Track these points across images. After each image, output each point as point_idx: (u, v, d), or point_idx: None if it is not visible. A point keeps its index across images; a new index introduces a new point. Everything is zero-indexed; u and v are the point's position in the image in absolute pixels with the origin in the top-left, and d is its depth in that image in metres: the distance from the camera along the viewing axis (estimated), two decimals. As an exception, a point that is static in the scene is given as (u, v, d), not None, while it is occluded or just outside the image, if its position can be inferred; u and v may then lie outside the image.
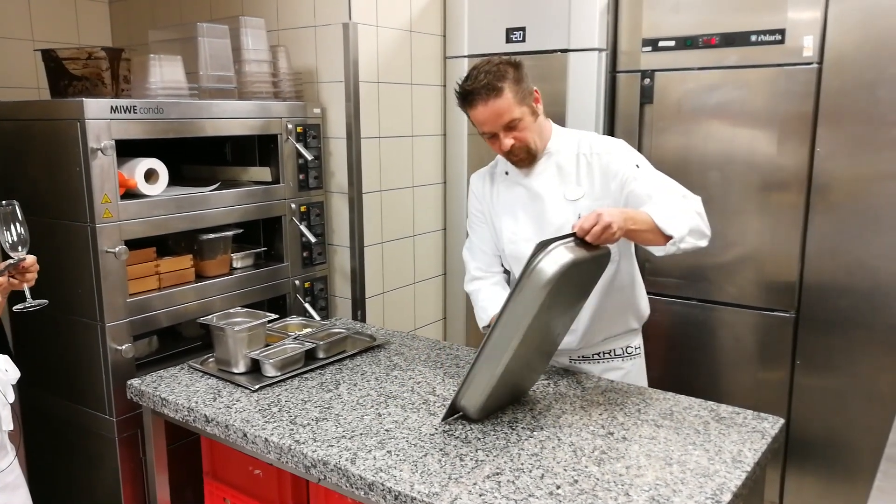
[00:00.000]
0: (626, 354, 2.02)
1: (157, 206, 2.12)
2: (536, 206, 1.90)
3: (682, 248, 1.65)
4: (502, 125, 1.77)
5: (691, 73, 2.47)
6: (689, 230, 1.64)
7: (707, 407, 1.75)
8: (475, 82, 1.74)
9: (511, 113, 1.76)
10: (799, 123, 2.32)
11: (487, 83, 1.73)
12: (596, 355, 2.00)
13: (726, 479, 1.41)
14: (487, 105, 1.74)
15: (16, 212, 1.60)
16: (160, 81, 2.21)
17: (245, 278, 2.41)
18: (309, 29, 2.63)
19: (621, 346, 2.01)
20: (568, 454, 1.52)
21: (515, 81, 1.76)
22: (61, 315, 2.12)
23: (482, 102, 1.75)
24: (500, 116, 1.76)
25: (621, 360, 2.01)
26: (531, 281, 1.50)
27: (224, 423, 1.73)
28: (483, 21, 2.83)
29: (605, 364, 2.00)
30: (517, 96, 1.76)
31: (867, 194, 2.26)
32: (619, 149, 1.86)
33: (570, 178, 1.87)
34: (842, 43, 2.23)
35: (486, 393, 1.60)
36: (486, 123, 1.78)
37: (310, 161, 2.53)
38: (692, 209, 1.71)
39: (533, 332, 1.55)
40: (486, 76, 1.74)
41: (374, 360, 2.14)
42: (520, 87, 1.77)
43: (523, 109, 1.78)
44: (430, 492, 1.37)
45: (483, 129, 1.81)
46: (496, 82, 1.73)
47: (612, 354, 2.00)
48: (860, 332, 2.31)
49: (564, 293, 1.58)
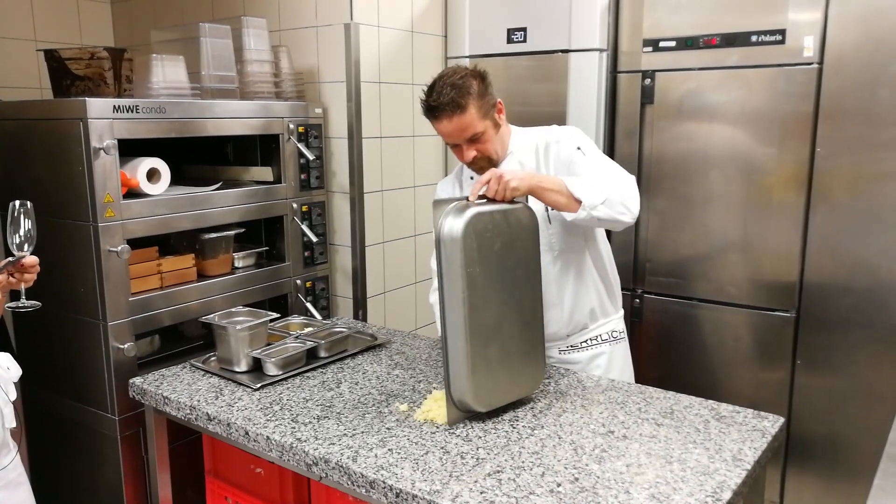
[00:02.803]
0: (613, 339, 2.07)
1: (159, 206, 2.12)
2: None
3: (595, 215, 1.71)
4: (465, 139, 1.83)
5: (692, 74, 2.48)
6: (604, 200, 1.70)
7: (707, 406, 1.76)
8: (440, 97, 1.78)
9: (474, 128, 1.81)
10: (799, 123, 2.32)
11: (452, 99, 1.77)
12: (584, 343, 2.05)
13: (726, 477, 1.41)
14: (452, 120, 1.80)
15: (29, 212, 1.60)
16: (162, 81, 2.22)
17: (247, 278, 2.42)
18: (311, 29, 2.64)
19: (607, 331, 2.07)
20: (569, 452, 1.53)
21: (479, 96, 1.81)
22: (64, 314, 2.13)
23: (447, 117, 1.80)
24: (464, 131, 1.81)
25: (608, 345, 2.06)
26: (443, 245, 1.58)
27: (226, 422, 1.74)
28: (484, 21, 2.83)
29: (593, 350, 2.05)
30: (480, 111, 1.81)
31: (868, 194, 2.26)
32: (567, 135, 1.92)
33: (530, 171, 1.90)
34: (842, 43, 2.24)
35: (470, 376, 1.60)
36: (450, 136, 1.84)
37: (311, 161, 2.54)
38: (617, 185, 1.75)
39: (477, 293, 1.59)
40: (451, 90, 1.77)
41: (375, 358, 2.15)
42: (483, 101, 1.82)
43: (486, 123, 1.84)
44: (431, 489, 1.38)
45: (447, 140, 1.88)
46: (460, 99, 1.77)
47: (598, 340, 2.06)
48: (861, 331, 2.32)
49: (489, 248, 1.62)
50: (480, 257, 1.60)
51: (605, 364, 2.05)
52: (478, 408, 1.66)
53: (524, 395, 1.77)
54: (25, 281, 1.61)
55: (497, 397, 1.70)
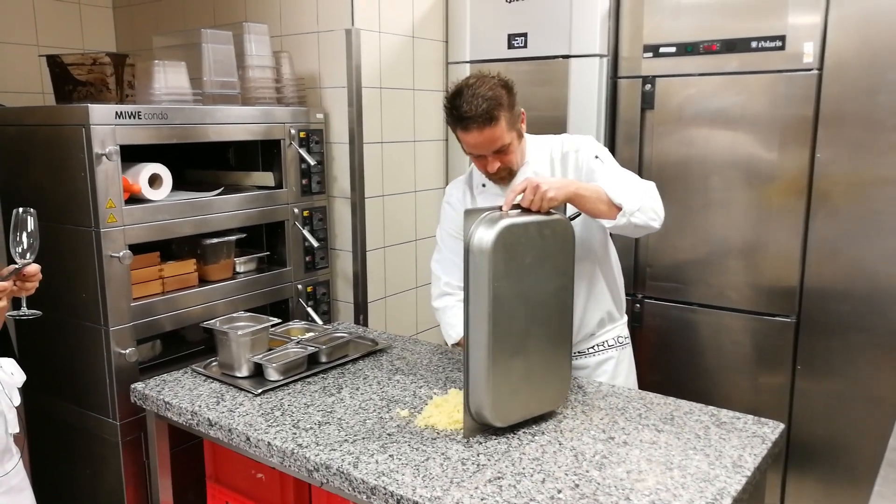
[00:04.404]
0: (619, 345, 2.08)
1: (160, 211, 2.13)
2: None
3: (633, 221, 1.69)
4: (492, 150, 1.81)
5: (692, 79, 2.48)
6: (640, 206, 1.69)
7: (707, 412, 1.76)
8: (472, 108, 1.72)
9: (502, 140, 1.79)
10: (799, 129, 2.33)
11: (486, 111, 1.73)
12: (591, 349, 2.05)
13: (727, 483, 1.42)
14: (483, 132, 1.76)
15: (33, 220, 1.59)
16: (164, 87, 2.23)
17: (248, 283, 2.42)
18: (312, 35, 2.65)
19: (613, 336, 2.07)
20: (569, 459, 1.53)
21: (509, 108, 1.78)
22: (65, 319, 2.13)
23: (477, 129, 1.75)
24: (493, 143, 1.79)
25: (615, 350, 2.07)
26: (472, 256, 1.55)
27: (227, 427, 1.74)
28: (485, 27, 2.84)
29: (601, 356, 2.06)
30: (509, 123, 1.79)
31: (868, 199, 2.26)
32: (584, 143, 1.92)
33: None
34: (842, 48, 2.24)
35: (489, 390, 1.56)
36: (477, 147, 1.81)
37: (312, 166, 2.54)
38: (645, 190, 1.76)
39: (503, 308, 1.55)
40: (483, 102, 1.72)
41: (376, 364, 2.15)
42: (511, 112, 1.80)
43: (512, 134, 1.82)
44: (432, 496, 1.38)
45: (472, 151, 1.83)
46: (494, 111, 1.74)
47: (605, 346, 2.06)
48: (861, 336, 2.32)
49: (520, 261, 1.58)
50: (509, 271, 1.55)
51: (611, 369, 2.05)
52: (495, 423, 1.61)
53: (546, 410, 1.71)
54: (26, 289, 1.61)
55: (516, 412, 1.64)
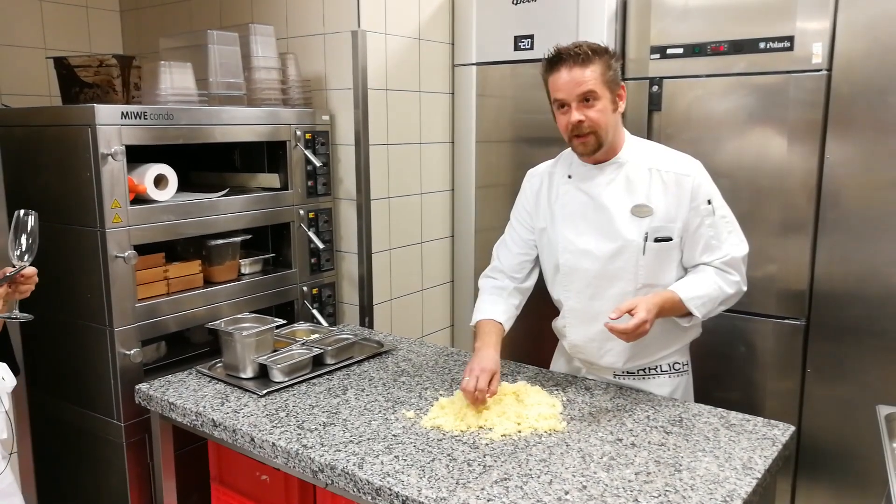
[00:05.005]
0: (674, 371, 1.94)
1: (166, 212, 2.13)
2: (601, 217, 1.83)
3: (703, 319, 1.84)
4: (578, 94, 1.72)
5: (700, 81, 2.47)
6: (710, 311, 1.81)
7: (717, 414, 1.74)
8: (570, 48, 1.72)
9: (591, 85, 1.71)
10: (808, 130, 2.31)
11: (581, 51, 1.71)
12: (641, 371, 1.93)
13: (736, 485, 1.40)
14: (572, 71, 1.71)
15: (34, 222, 1.57)
16: (170, 88, 2.23)
17: (253, 284, 2.42)
18: (318, 36, 2.65)
19: (668, 362, 1.94)
20: (576, 460, 1.51)
21: (608, 63, 1.74)
22: (70, 319, 2.13)
23: (567, 67, 1.71)
24: (580, 85, 1.71)
25: (668, 377, 1.93)
26: None
27: (231, 428, 1.73)
28: (491, 29, 2.84)
29: (651, 380, 1.93)
30: (604, 76, 1.73)
31: (878, 201, 2.24)
32: (699, 174, 1.82)
33: (639, 192, 1.81)
34: (851, 50, 2.22)
35: None
36: (563, 89, 1.73)
37: (318, 168, 2.54)
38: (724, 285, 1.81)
39: None
40: (585, 46, 1.72)
41: (381, 365, 2.14)
42: (610, 70, 1.74)
43: (605, 90, 1.73)
44: (437, 497, 1.37)
45: (557, 94, 1.75)
46: (590, 53, 1.71)
47: (658, 371, 1.93)
48: (871, 339, 2.29)
49: None
50: None
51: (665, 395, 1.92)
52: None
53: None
54: (21, 292, 1.58)
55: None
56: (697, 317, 1.79)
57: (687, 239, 1.82)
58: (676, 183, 1.80)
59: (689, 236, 1.81)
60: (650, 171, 1.82)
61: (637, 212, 1.80)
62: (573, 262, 1.87)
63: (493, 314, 1.93)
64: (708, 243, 1.81)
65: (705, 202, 1.80)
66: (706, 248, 1.82)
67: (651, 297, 1.72)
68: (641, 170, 1.82)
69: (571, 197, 1.88)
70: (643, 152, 1.86)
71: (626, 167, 1.83)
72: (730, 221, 1.86)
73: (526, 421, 1.69)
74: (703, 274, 1.82)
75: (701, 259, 1.82)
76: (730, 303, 1.86)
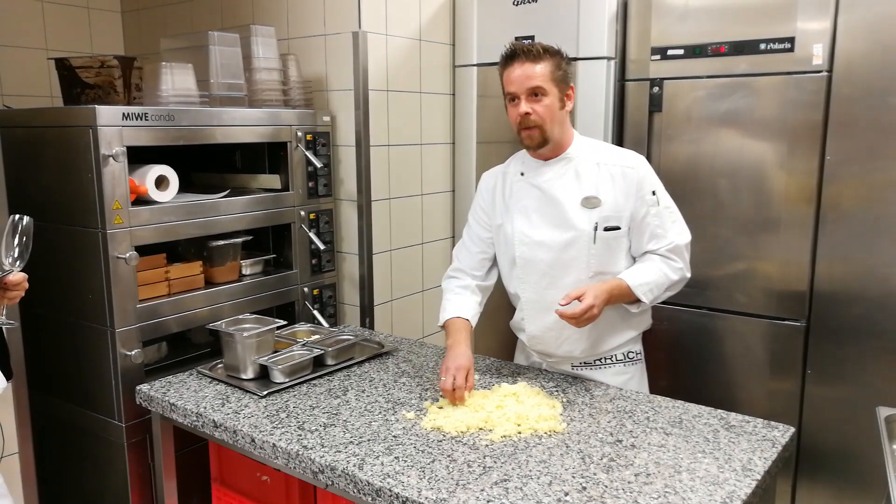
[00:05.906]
0: (628, 360, 2.04)
1: (167, 213, 2.13)
2: (553, 209, 1.92)
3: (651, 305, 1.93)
4: (528, 88, 1.82)
5: (700, 82, 2.47)
6: (657, 297, 1.90)
7: (717, 415, 1.74)
8: (524, 46, 1.84)
9: (540, 80, 1.82)
10: (809, 131, 2.31)
11: (535, 49, 1.82)
12: (598, 361, 2.02)
13: (736, 487, 1.40)
14: (524, 66, 1.82)
15: (28, 227, 1.55)
16: (171, 89, 2.23)
17: (254, 285, 2.42)
18: (319, 38, 2.65)
19: (622, 351, 2.03)
20: (576, 461, 1.51)
21: (557, 64, 1.85)
22: (72, 320, 2.13)
23: (520, 62, 1.82)
24: (530, 79, 1.81)
25: (623, 366, 2.03)
26: None
27: (232, 429, 1.73)
28: (492, 30, 2.84)
29: (608, 369, 2.02)
30: (553, 74, 1.83)
31: (878, 202, 2.24)
32: (643, 167, 1.93)
33: (588, 185, 1.91)
34: (852, 51, 2.22)
35: None
36: (514, 83, 1.84)
37: (319, 169, 2.54)
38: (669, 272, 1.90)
39: None
40: (538, 45, 1.84)
41: (382, 366, 2.14)
42: (559, 70, 1.85)
43: (553, 88, 1.84)
44: (437, 497, 1.37)
45: (509, 87, 1.85)
46: (542, 51, 1.83)
47: (613, 360, 2.03)
48: (871, 340, 2.29)
49: None
50: None
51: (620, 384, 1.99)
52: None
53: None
54: (9, 298, 1.55)
55: None
56: (645, 303, 1.88)
57: (634, 228, 1.91)
58: (623, 175, 1.90)
59: (636, 225, 1.91)
60: (598, 165, 1.92)
61: (587, 203, 1.90)
62: (529, 253, 1.95)
63: (461, 311, 2.02)
64: (653, 232, 1.91)
65: (650, 193, 1.90)
66: (652, 237, 1.91)
67: (599, 285, 1.83)
68: (589, 164, 1.92)
69: (525, 192, 1.97)
70: (590, 149, 1.96)
71: (574, 162, 1.93)
72: (673, 212, 1.96)
73: (526, 422, 1.69)
74: (649, 262, 1.92)
75: (647, 247, 1.92)
76: (675, 289, 1.96)
